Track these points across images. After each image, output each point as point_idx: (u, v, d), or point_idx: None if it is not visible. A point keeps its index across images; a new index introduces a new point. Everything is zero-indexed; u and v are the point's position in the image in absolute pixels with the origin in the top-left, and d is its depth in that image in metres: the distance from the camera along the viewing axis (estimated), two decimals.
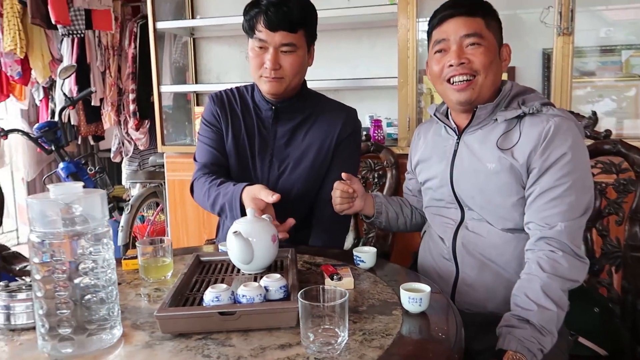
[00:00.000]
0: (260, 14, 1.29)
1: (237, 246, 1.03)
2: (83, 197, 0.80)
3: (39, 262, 0.78)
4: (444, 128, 1.31)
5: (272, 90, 1.37)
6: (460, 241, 1.24)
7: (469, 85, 1.18)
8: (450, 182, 1.25)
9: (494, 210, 1.19)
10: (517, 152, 1.14)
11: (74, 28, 2.78)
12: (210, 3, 2.70)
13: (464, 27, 1.17)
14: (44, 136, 2.58)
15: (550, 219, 1.09)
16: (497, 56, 1.20)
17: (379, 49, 2.43)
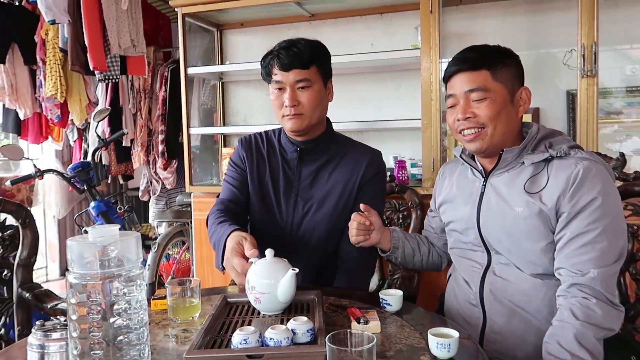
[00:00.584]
0: (273, 59, 1.38)
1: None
2: (119, 239, 0.83)
3: (76, 303, 0.80)
4: (470, 170, 1.32)
5: (294, 127, 1.41)
6: (488, 287, 1.22)
7: (477, 136, 1.21)
8: (477, 225, 1.25)
9: (523, 255, 1.18)
10: (545, 196, 1.14)
11: (110, 73, 2.92)
12: (238, 49, 2.82)
13: (467, 82, 1.20)
14: (77, 176, 2.67)
15: (582, 266, 1.07)
16: (507, 104, 1.20)
17: (403, 91, 2.48)
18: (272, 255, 1.12)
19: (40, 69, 3.18)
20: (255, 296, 1.08)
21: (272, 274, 1.08)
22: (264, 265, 1.10)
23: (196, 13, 2.54)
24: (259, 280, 1.07)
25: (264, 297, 1.07)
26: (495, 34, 2.30)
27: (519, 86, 1.23)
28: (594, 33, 1.90)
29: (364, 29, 2.54)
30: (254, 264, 1.11)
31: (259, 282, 1.07)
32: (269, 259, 1.11)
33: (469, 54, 1.24)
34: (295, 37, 1.44)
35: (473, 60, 1.21)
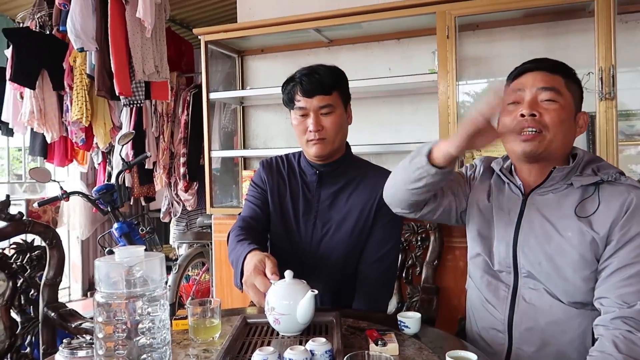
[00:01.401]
0: (296, 86, 1.42)
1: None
2: (144, 260, 0.86)
3: (103, 321, 0.83)
4: (508, 185, 1.27)
5: (318, 152, 1.44)
6: (519, 316, 1.17)
7: (536, 137, 1.15)
8: (513, 244, 1.20)
9: (562, 282, 1.13)
10: (596, 223, 1.10)
11: (134, 98, 3.02)
12: (258, 74, 2.88)
13: (542, 80, 1.17)
14: (101, 198, 2.74)
15: (628, 297, 1.04)
16: (571, 118, 1.17)
17: (421, 114, 2.50)
18: (292, 277, 1.13)
19: (68, 94, 3.30)
20: (275, 317, 1.09)
21: (291, 295, 1.09)
22: (284, 286, 1.11)
23: (218, 40, 2.62)
24: (278, 302, 1.09)
25: (283, 318, 1.08)
26: (513, 58, 2.32)
27: (580, 109, 1.21)
28: (612, 56, 1.90)
29: (382, 53, 2.58)
30: (273, 284, 1.12)
31: (278, 303, 1.09)
32: (288, 280, 1.12)
33: (546, 59, 1.22)
34: (314, 62, 1.48)
35: (550, 63, 1.20)
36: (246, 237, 1.36)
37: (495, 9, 2.08)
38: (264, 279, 1.14)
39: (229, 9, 3.92)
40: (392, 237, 1.50)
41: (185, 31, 4.37)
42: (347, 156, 1.53)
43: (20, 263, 1.65)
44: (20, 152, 4.55)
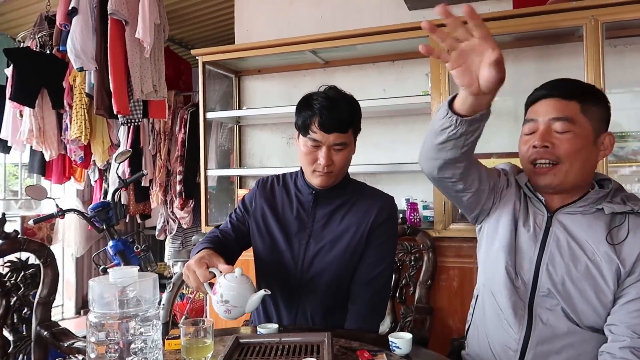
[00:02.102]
0: (314, 117, 1.39)
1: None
2: (138, 280, 0.87)
3: (95, 341, 0.84)
4: (531, 200, 1.24)
5: (323, 183, 1.46)
6: (535, 337, 1.15)
7: (550, 170, 1.13)
8: (537, 261, 1.17)
9: (582, 305, 1.12)
10: (624, 252, 1.10)
11: (132, 117, 3.05)
12: (255, 94, 2.93)
13: (554, 110, 1.13)
14: (97, 215, 2.75)
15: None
16: (590, 144, 1.13)
17: (415, 134, 2.54)
18: (241, 273, 1.23)
19: (67, 113, 3.33)
20: (228, 308, 1.20)
21: (244, 290, 1.21)
22: (237, 281, 1.21)
23: (216, 61, 2.67)
24: (232, 295, 1.20)
25: (235, 310, 1.21)
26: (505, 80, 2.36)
27: (604, 130, 1.16)
28: (601, 79, 1.95)
29: (377, 75, 2.63)
30: (225, 277, 1.22)
31: (232, 297, 1.20)
32: (238, 276, 1.22)
33: (562, 82, 1.16)
34: (310, 83, 1.48)
35: (565, 88, 1.14)
36: (209, 245, 1.42)
37: None
38: (205, 271, 1.23)
39: (227, 29, 3.99)
40: (385, 258, 1.51)
41: (184, 50, 4.43)
42: (344, 178, 1.55)
43: (14, 281, 1.65)
44: (17, 167, 4.56)
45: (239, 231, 1.56)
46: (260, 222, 1.55)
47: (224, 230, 1.56)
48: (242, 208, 1.60)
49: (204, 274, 1.24)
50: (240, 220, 1.58)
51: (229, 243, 1.50)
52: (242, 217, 1.59)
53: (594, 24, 1.96)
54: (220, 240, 1.49)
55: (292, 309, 1.51)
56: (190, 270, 1.26)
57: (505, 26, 2.11)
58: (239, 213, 1.60)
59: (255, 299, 1.22)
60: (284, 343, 1.17)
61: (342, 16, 2.70)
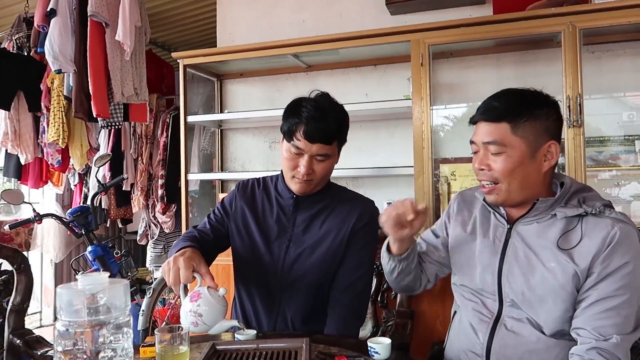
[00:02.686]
0: (300, 124, 1.37)
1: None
2: (108, 287, 0.85)
3: (62, 350, 0.81)
4: (493, 214, 1.27)
5: (301, 190, 1.45)
6: (497, 342, 1.17)
7: (492, 190, 1.18)
8: (498, 273, 1.20)
9: (544, 312, 1.13)
10: (578, 255, 1.10)
11: (112, 120, 3.00)
12: (237, 98, 2.91)
13: (486, 134, 1.16)
14: (75, 220, 2.69)
15: (605, 330, 1.04)
16: (526, 160, 1.15)
17: (397, 138, 2.54)
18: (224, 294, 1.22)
19: (44, 116, 3.27)
20: (197, 322, 1.18)
21: (220, 313, 1.20)
22: (219, 301, 1.20)
23: (197, 64, 2.65)
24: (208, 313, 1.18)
25: (202, 327, 1.18)
26: (485, 84, 2.39)
27: (547, 140, 1.16)
28: (578, 85, 1.97)
29: (359, 79, 2.63)
30: (208, 291, 1.19)
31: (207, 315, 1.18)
32: (221, 296, 1.21)
33: (496, 102, 1.18)
34: (293, 87, 1.46)
35: (496, 110, 1.16)
36: (194, 245, 1.40)
37: (468, 38, 2.15)
38: (190, 274, 1.22)
39: (209, 33, 3.96)
40: (365, 263, 1.50)
41: (166, 54, 4.39)
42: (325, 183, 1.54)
43: None
44: None
45: (218, 233, 1.54)
46: (240, 225, 1.53)
47: (202, 231, 1.53)
48: (221, 210, 1.58)
49: (187, 275, 1.21)
50: (219, 221, 1.56)
51: (207, 244, 1.48)
52: (221, 219, 1.56)
53: (572, 30, 1.99)
54: (199, 240, 1.46)
55: (272, 314, 1.49)
56: (175, 267, 1.23)
57: (485, 31, 2.12)
58: (217, 215, 1.57)
59: (224, 326, 1.20)
60: (262, 349, 1.16)
61: (324, 21, 2.70)
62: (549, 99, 1.20)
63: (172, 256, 1.26)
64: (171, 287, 1.24)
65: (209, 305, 1.18)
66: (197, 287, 1.24)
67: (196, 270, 1.24)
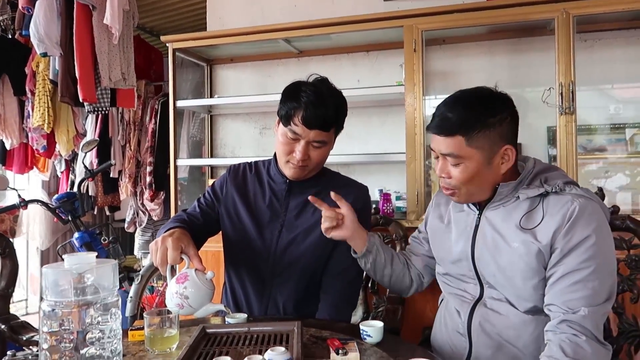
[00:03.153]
0: (299, 109, 1.34)
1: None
2: (95, 267, 0.82)
3: (48, 331, 0.79)
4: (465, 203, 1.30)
5: (295, 176, 1.43)
6: (477, 319, 1.21)
7: (453, 194, 1.23)
8: (471, 258, 1.24)
9: (515, 291, 1.17)
10: (540, 233, 1.13)
11: (99, 105, 2.95)
12: (227, 83, 2.87)
13: (442, 146, 1.18)
14: (62, 207, 2.65)
15: (572, 303, 1.07)
16: (483, 167, 1.17)
17: (389, 125, 2.53)
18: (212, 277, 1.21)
19: (29, 100, 3.20)
20: (183, 303, 1.16)
21: (208, 296, 1.19)
22: (207, 284, 1.19)
23: (187, 48, 2.60)
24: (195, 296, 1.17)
25: (187, 309, 1.16)
26: (478, 73, 2.38)
27: (502, 145, 1.17)
28: (571, 72, 1.97)
29: (351, 65, 2.61)
30: (195, 274, 1.18)
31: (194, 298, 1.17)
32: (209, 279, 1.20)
33: (450, 113, 1.17)
34: (284, 73, 1.44)
35: (450, 124, 1.17)
36: (183, 226, 1.38)
37: (461, 24, 2.14)
38: (178, 254, 1.20)
39: (199, 17, 3.90)
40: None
41: (155, 39, 4.31)
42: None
43: None
44: None
45: (208, 217, 1.52)
46: (230, 209, 1.51)
47: (192, 214, 1.51)
48: (211, 194, 1.55)
49: (175, 256, 1.20)
50: (209, 205, 1.53)
51: (196, 228, 1.45)
52: (211, 203, 1.54)
53: (565, 16, 1.98)
54: (188, 223, 1.44)
55: (263, 299, 1.48)
56: (163, 247, 1.21)
57: (479, 17, 2.11)
58: (208, 199, 1.55)
59: (210, 309, 1.19)
60: (253, 332, 1.14)
61: (316, 6, 2.67)
62: (502, 101, 1.20)
63: (161, 236, 1.24)
64: (157, 267, 1.21)
65: (195, 287, 1.17)
66: (185, 268, 1.22)
67: (184, 251, 1.22)
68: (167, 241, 1.21)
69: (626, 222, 1.43)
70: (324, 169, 1.54)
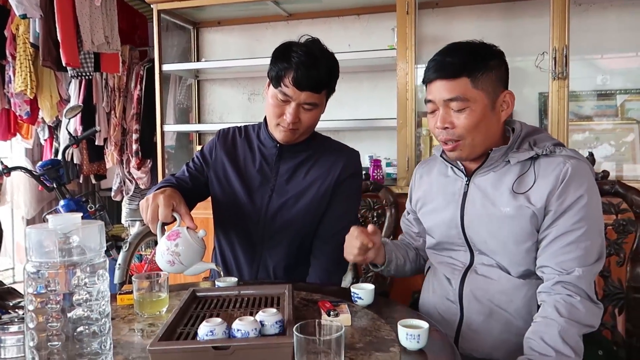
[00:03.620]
0: (290, 70, 1.30)
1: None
2: (81, 227, 0.80)
3: (33, 293, 0.77)
4: (451, 168, 1.29)
5: (286, 139, 1.40)
6: (468, 286, 1.20)
7: (456, 147, 1.17)
8: (461, 226, 1.22)
9: (508, 256, 1.16)
10: (533, 196, 1.12)
11: (83, 70, 2.86)
12: (214, 47, 2.79)
13: (446, 91, 1.14)
14: (46, 174, 2.60)
15: (567, 264, 1.07)
16: (488, 112, 1.15)
17: (380, 91, 2.49)
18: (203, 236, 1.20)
19: (10, 64, 3.10)
20: (174, 260, 1.15)
21: (199, 253, 1.18)
22: (198, 242, 1.18)
23: (172, 10, 2.51)
24: (186, 253, 1.16)
25: (177, 267, 1.16)
26: (471, 38, 2.33)
27: (502, 89, 1.17)
28: (565, 37, 1.94)
29: (341, 29, 2.55)
30: (187, 231, 1.17)
31: (185, 254, 1.15)
32: (200, 237, 1.19)
33: (449, 57, 1.15)
34: (272, 37, 1.40)
35: (452, 66, 1.14)
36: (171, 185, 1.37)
37: None
38: (169, 212, 1.18)
39: None
40: (349, 213, 1.49)
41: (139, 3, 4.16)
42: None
43: None
44: None
45: (197, 181, 1.49)
46: (220, 174, 1.48)
47: (181, 178, 1.48)
48: (200, 158, 1.52)
49: (166, 214, 1.18)
50: (198, 170, 1.51)
51: (186, 192, 1.42)
52: (200, 168, 1.51)
53: None
54: (177, 187, 1.40)
55: (254, 264, 1.47)
56: (154, 204, 1.19)
57: None
58: (197, 163, 1.52)
59: (201, 267, 1.18)
60: (243, 296, 1.14)
61: None
62: (497, 49, 1.20)
63: (152, 193, 1.22)
64: (147, 224, 1.19)
65: (187, 245, 1.16)
66: (176, 226, 1.20)
67: (176, 209, 1.21)
68: (159, 198, 1.19)
69: (615, 187, 1.43)
70: (315, 133, 1.51)
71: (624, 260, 1.43)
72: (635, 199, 1.39)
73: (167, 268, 1.16)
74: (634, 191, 1.40)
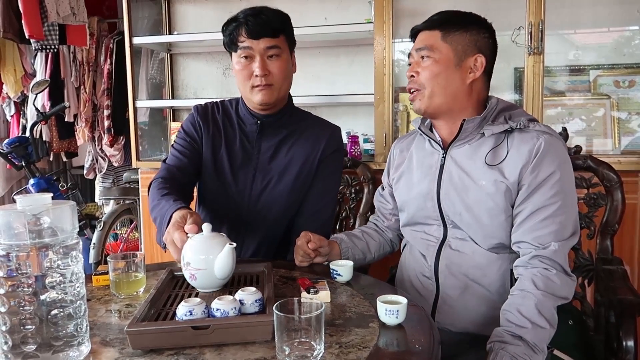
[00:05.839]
0: (240, 26, 1.32)
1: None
2: (52, 208, 0.77)
3: (3, 276, 0.75)
4: (428, 142, 1.30)
5: (265, 99, 1.36)
6: (443, 261, 1.22)
7: (416, 96, 1.22)
8: (437, 198, 1.23)
9: (481, 229, 1.18)
10: (507, 169, 1.14)
11: (47, 43, 2.74)
12: (187, 19, 2.71)
13: (419, 41, 1.22)
14: (14, 152, 2.51)
15: (543, 239, 1.09)
16: (451, 67, 1.19)
17: (357, 66, 2.47)
18: (210, 230, 1.05)
19: None
20: (191, 272, 1.02)
21: (208, 249, 1.01)
22: (200, 240, 1.04)
23: None
24: (194, 256, 1.01)
25: (199, 274, 1.01)
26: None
27: (475, 53, 1.19)
28: (541, 12, 1.94)
29: (318, 2, 2.49)
30: (190, 239, 1.05)
31: (194, 258, 1.01)
32: (206, 234, 1.04)
33: (436, 15, 1.23)
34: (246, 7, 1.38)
35: (432, 21, 1.22)
36: (170, 191, 1.26)
37: None
38: (182, 234, 1.06)
39: None
40: (331, 190, 1.48)
41: None
42: (289, 106, 1.47)
43: None
44: None
45: (195, 162, 1.45)
46: (209, 153, 1.45)
47: (179, 166, 1.41)
48: (187, 135, 1.47)
49: (181, 237, 1.06)
50: (191, 150, 1.45)
51: (187, 180, 1.41)
52: (190, 146, 1.45)
53: None
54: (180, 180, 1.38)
55: (238, 243, 1.45)
56: (169, 242, 1.10)
57: None
58: (184, 144, 1.45)
59: (222, 257, 1.00)
60: None
61: None
62: (487, 23, 1.24)
63: (167, 230, 1.12)
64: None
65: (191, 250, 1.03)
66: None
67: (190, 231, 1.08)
68: (170, 231, 1.10)
69: (587, 161, 1.46)
70: (296, 108, 1.50)
71: (594, 233, 1.46)
72: (606, 174, 1.42)
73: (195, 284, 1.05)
74: (605, 166, 1.43)
